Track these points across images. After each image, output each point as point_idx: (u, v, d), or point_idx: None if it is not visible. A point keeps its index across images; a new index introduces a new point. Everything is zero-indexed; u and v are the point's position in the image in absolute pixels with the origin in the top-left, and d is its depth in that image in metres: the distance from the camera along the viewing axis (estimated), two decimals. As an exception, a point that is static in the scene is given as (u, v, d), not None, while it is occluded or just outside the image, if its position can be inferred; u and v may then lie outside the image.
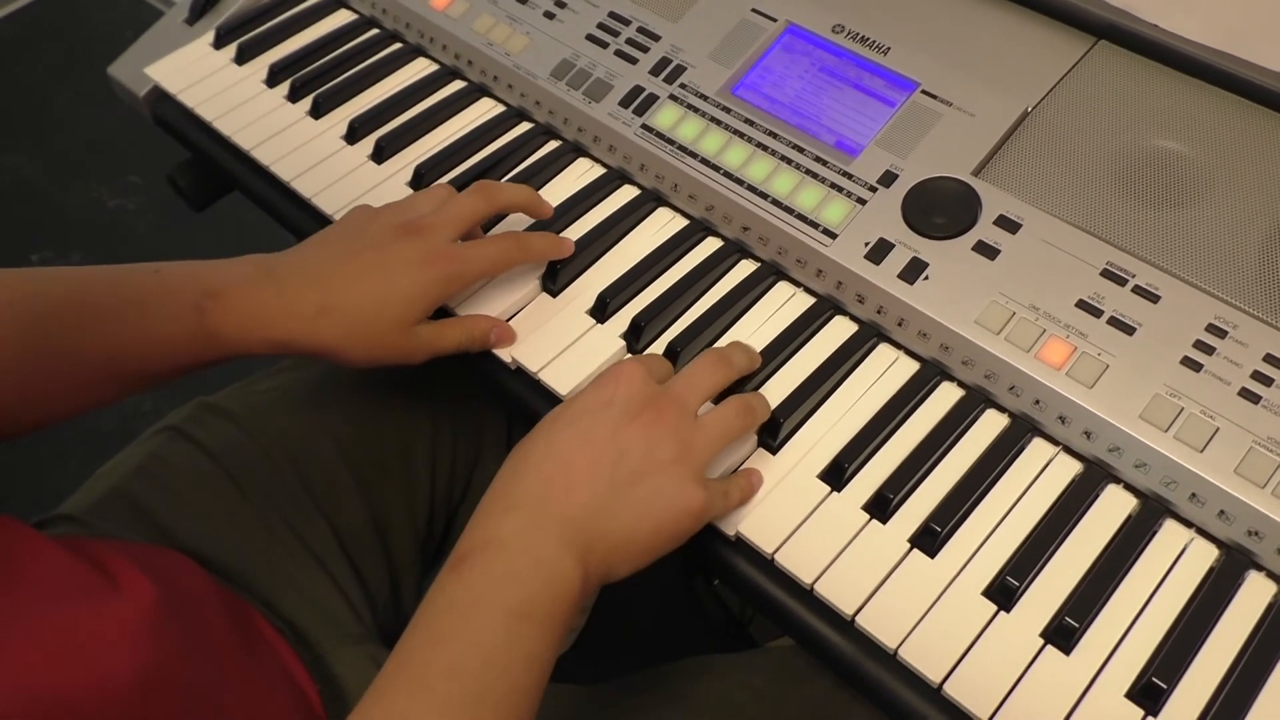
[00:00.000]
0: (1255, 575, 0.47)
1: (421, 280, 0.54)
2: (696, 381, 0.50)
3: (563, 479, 0.45)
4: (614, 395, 0.47)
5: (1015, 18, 0.63)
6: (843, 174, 0.59)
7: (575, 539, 0.43)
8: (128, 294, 0.54)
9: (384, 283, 0.54)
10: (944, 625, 0.46)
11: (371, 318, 0.54)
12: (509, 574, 0.42)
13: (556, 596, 0.42)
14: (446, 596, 0.42)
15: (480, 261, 0.57)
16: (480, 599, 0.41)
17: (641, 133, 0.64)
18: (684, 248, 0.62)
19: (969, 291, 0.54)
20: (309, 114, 0.71)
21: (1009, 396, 0.52)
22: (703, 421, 0.48)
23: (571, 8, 0.70)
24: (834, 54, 0.64)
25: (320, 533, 0.66)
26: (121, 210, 1.73)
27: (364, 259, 0.54)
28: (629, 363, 0.49)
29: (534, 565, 0.42)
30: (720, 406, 0.50)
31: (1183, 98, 0.58)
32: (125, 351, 0.53)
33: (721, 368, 0.51)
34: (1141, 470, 0.49)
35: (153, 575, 0.50)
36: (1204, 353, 0.50)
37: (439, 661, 0.40)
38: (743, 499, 0.50)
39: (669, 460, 0.46)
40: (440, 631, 0.41)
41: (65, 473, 0.66)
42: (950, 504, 0.50)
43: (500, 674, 0.40)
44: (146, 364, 0.54)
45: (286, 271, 0.55)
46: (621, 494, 0.45)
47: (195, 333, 0.53)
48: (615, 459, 0.45)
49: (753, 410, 0.51)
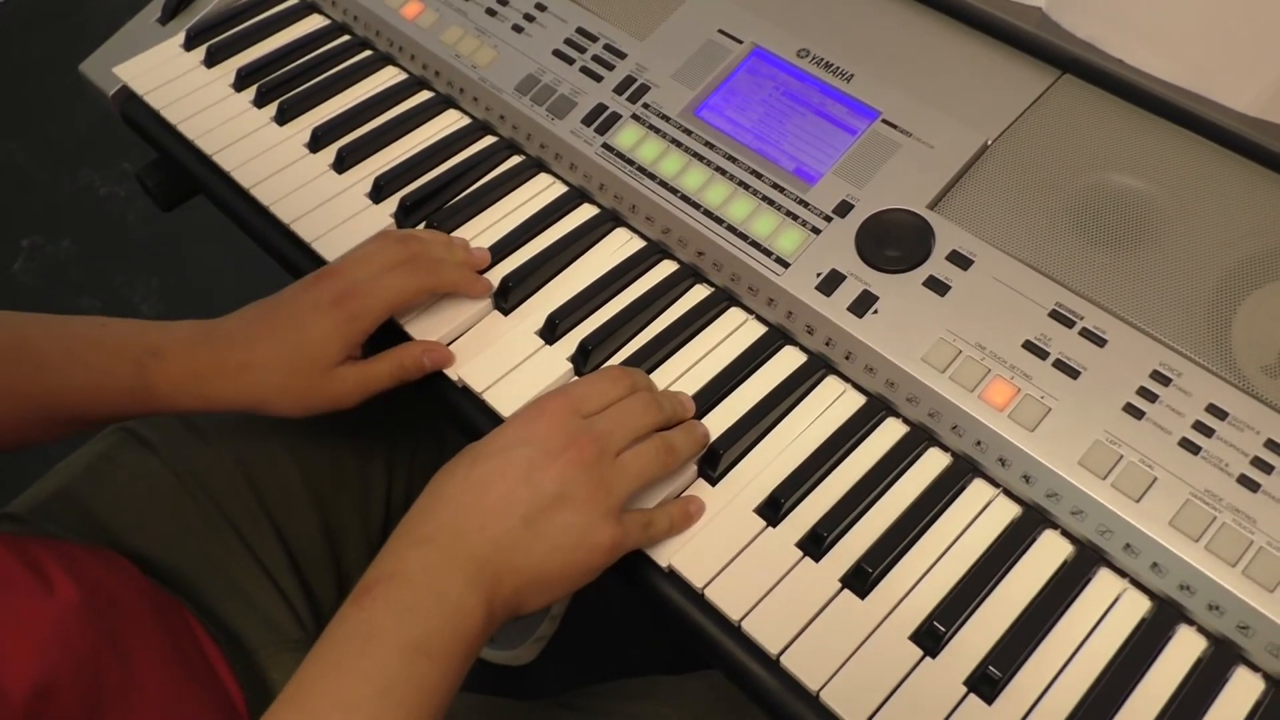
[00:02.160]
0: (1185, 630, 0.46)
1: (328, 322, 0.55)
2: (623, 421, 0.49)
3: (476, 514, 0.45)
4: (533, 432, 0.47)
5: (980, 48, 0.62)
6: (799, 202, 0.59)
7: (483, 575, 0.43)
8: (73, 345, 0.56)
9: (295, 331, 0.55)
10: (869, 668, 0.46)
11: (290, 368, 0.55)
12: (410, 608, 0.42)
13: (458, 632, 0.42)
14: (345, 627, 0.42)
15: (387, 293, 0.56)
16: (379, 632, 0.41)
17: (602, 152, 0.63)
18: (639, 270, 0.62)
19: (917, 327, 0.54)
20: (274, 120, 0.71)
21: (951, 436, 0.52)
22: (621, 461, 0.48)
23: (540, 22, 0.70)
24: (798, 79, 0.63)
25: (268, 541, 0.66)
26: (112, 198, 1.73)
27: (281, 314, 0.56)
28: (555, 396, 0.49)
29: (437, 600, 0.42)
30: (641, 445, 0.49)
31: (1144, 137, 0.57)
32: (64, 398, 0.55)
33: (652, 411, 0.50)
34: (1078, 517, 0.48)
35: (78, 576, 0.50)
36: (1147, 400, 0.49)
37: (331, 693, 0.40)
38: (674, 527, 0.50)
39: (583, 499, 0.46)
40: (335, 662, 0.41)
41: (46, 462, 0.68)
42: (884, 544, 0.49)
43: (393, 707, 0.40)
44: (84, 411, 0.56)
45: (220, 334, 0.56)
46: (534, 529, 0.45)
47: (134, 387, 0.55)
48: (529, 496, 0.45)
49: (674, 450, 0.50)
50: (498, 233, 0.64)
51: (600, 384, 0.51)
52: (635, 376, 0.52)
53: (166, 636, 0.55)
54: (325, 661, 0.41)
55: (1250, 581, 0.45)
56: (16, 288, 1.62)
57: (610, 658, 1.20)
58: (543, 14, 0.70)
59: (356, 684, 0.40)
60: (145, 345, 0.55)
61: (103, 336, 0.56)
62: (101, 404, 0.55)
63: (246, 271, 1.57)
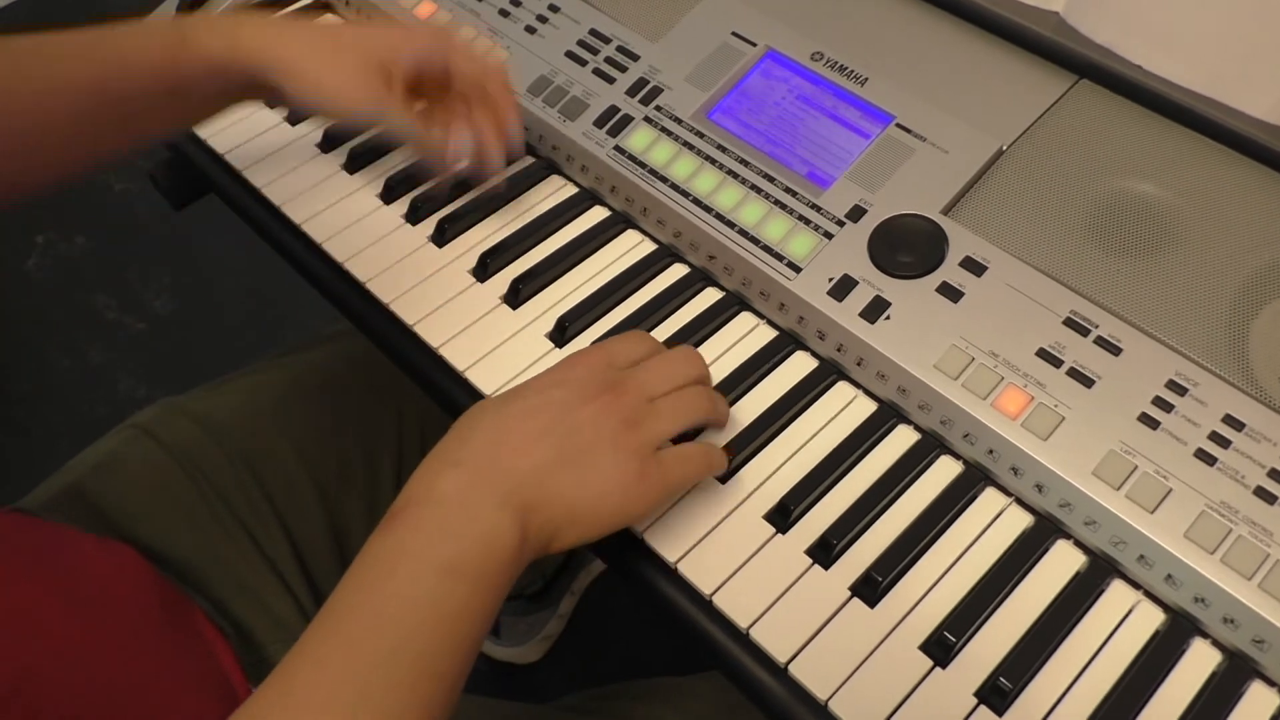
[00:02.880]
0: (1200, 643, 0.46)
1: (365, 36, 0.58)
2: (661, 371, 0.49)
3: (511, 443, 0.44)
4: (570, 377, 0.47)
5: (996, 52, 0.62)
6: (811, 206, 0.58)
7: (516, 500, 0.42)
8: (104, 32, 0.56)
9: (342, 31, 0.58)
10: (878, 678, 0.46)
11: (323, 48, 0.56)
12: (442, 529, 0.41)
13: (491, 554, 0.41)
14: (373, 551, 0.41)
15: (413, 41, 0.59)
16: (409, 552, 0.40)
17: (614, 154, 0.63)
18: (650, 273, 0.61)
19: (930, 334, 0.53)
20: (285, 120, 0.71)
21: (963, 444, 0.51)
22: (657, 407, 0.47)
23: (553, 23, 0.69)
24: (812, 82, 0.63)
25: (275, 538, 0.66)
26: (127, 194, 1.73)
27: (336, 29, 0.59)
28: (589, 350, 0.49)
29: (469, 521, 0.41)
30: (683, 391, 0.49)
31: (1161, 143, 0.57)
32: (105, 69, 0.54)
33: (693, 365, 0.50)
34: (1091, 528, 0.48)
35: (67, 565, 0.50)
36: (1162, 410, 0.49)
37: (360, 613, 0.39)
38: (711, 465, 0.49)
39: (617, 440, 0.45)
40: (366, 584, 0.40)
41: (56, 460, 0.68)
42: (895, 552, 0.49)
43: (421, 626, 0.39)
44: (126, 81, 0.55)
45: None
46: (568, 462, 0.44)
47: (173, 42, 0.55)
48: (565, 432, 0.45)
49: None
50: (508, 234, 0.63)
51: (631, 342, 0.51)
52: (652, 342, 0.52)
53: (174, 631, 0.55)
54: (354, 586, 0.40)
55: (1266, 595, 0.44)
56: (30, 284, 1.63)
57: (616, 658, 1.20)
58: (555, 15, 0.69)
59: (386, 602, 0.39)
60: (177, 20, 0.58)
61: (132, 23, 0.57)
62: (145, 69, 0.55)
63: (259, 269, 1.58)
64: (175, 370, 1.51)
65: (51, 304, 1.60)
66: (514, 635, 1.18)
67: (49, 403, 1.49)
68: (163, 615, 0.56)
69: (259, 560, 0.65)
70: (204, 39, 0.55)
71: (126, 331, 1.56)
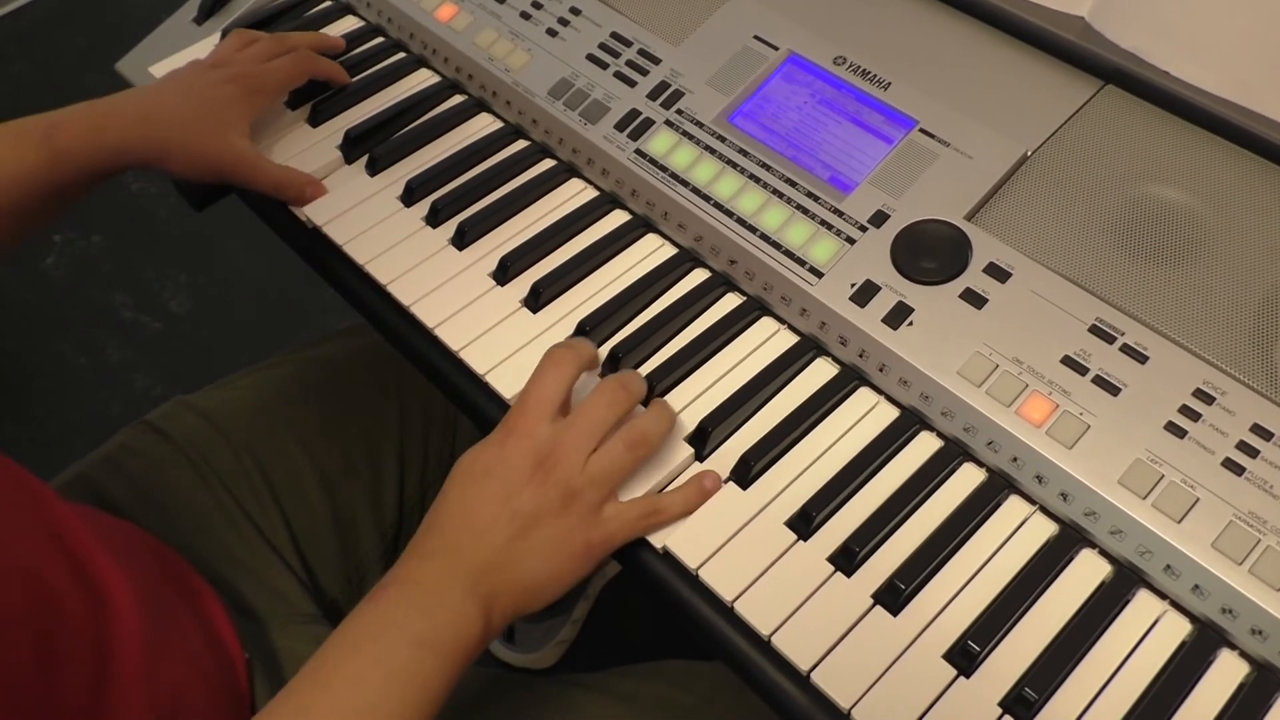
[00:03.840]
0: (1227, 654, 0.45)
1: (226, 91, 0.65)
2: (586, 427, 0.51)
3: (469, 535, 0.49)
4: (505, 456, 0.50)
5: (1021, 57, 0.61)
6: (834, 211, 0.58)
7: (480, 588, 0.47)
8: None
9: (197, 93, 0.64)
10: (901, 687, 0.45)
11: (188, 122, 0.63)
12: (419, 608, 0.46)
13: (458, 635, 0.46)
14: (363, 618, 0.46)
15: (277, 74, 0.67)
16: (391, 624, 0.46)
17: (635, 158, 0.63)
18: (670, 278, 0.61)
19: (953, 341, 0.53)
20: (307, 121, 0.71)
21: (987, 451, 0.51)
22: (593, 467, 0.50)
23: (574, 26, 0.69)
24: (834, 86, 0.62)
25: (275, 524, 0.68)
26: (144, 193, 1.74)
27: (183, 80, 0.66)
28: (517, 414, 0.51)
29: (440, 604, 0.47)
30: (607, 446, 0.51)
31: (1188, 149, 0.56)
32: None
33: (619, 403, 0.52)
34: (1117, 537, 0.48)
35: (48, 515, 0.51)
36: (1189, 419, 0.48)
37: (345, 670, 0.44)
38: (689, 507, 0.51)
39: (557, 512, 0.49)
40: (352, 645, 0.45)
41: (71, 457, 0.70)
42: (917, 560, 0.48)
43: (397, 689, 0.44)
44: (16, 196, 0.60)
45: (120, 96, 0.65)
46: (518, 546, 0.48)
47: (48, 157, 0.60)
48: (509, 517, 0.49)
49: (645, 439, 0.52)
50: (528, 237, 0.63)
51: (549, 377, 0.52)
52: (578, 348, 0.53)
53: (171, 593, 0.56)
54: (342, 645, 0.45)
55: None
56: (48, 282, 1.64)
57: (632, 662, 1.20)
58: (577, 18, 0.69)
59: (368, 665, 0.44)
60: (46, 121, 0.61)
61: (3, 134, 0.61)
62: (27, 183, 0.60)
63: (274, 270, 1.59)
64: (191, 369, 1.51)
65: (69, 302, 1.61)
66: (529, 641, 1.18)
67: (65, 401, 1.50)
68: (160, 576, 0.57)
69: (261, 544, 0.67)
70: (78, 149, 0.61)
71: (143, 330, 1.57)
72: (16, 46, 2.01)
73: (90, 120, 0.62)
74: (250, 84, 0.66)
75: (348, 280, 0.65)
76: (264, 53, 0.69)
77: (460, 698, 0.59)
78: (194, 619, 0.57)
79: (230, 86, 0.65)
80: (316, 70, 0.70)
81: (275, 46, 0.69)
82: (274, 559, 0.67)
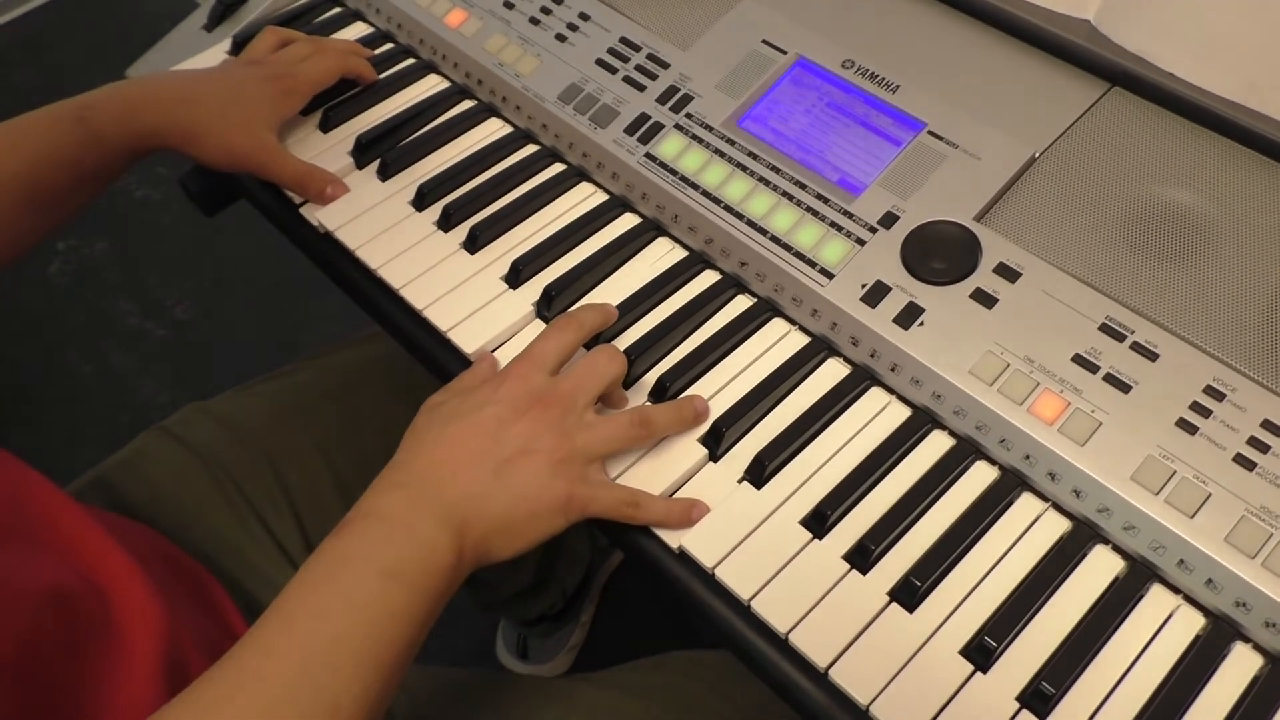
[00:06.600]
0: (1241, 647, 0.46)
1: (263, 89, 0.66)
2: (587, 375, 0.51)
3: (449, 465, 0.48)
4: (501, 393, 0.50)
5: (1028, 60, 0.62)
6: (843, 213, 0.59)
7: (453, 517, 0.46)
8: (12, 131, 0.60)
9: (233, 85, 0.66)
10: (918, 683, 0.46)
11: (221, 110, 0.64)
12: (385, 539, 0.45)
13: (427, 565, 0.45)
14: (324, 554, 0.45)
15: (313, 74, 0.69)
16: (354, 556, 0.45)
17: (645, 161, 0.64)
18: (681, 280, 0.62)
19: (964, 340, 0.53)
20: (318, 127, 0.71)
21: (999, 449, 0.52)
22: (591, 422, 0.50)
23: (583, 31, 0.70)
24: (842, 90, 0.63)
25: (289, 528, 0.68)
26: (148, 201, 1.75)
27: (220, 73, 0.68)
28: (517, 360, 0.52)
29: (408, 534, 0.46)
30: (616, 414, 0.51)
31: (1195, 150, 0.57)
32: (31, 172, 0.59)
33: (617, 361, 0.53)
34: (1130, 533, 0.48)
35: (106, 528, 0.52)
36: (1200, 415, 0.49)
37: (309, 604, 0.43)
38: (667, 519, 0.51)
39: (547, 451, 0.49)
40: (314, 581, 0.44)
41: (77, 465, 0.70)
42: (933, 558, 0.49)
43: (364, 622, 0.43)
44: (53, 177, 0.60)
45: (155, 79, 0.66)
46: (501, 479, 0.48)
47: (82, 139, 0.61)
48: (498, 449, 0.48)
49: (649, 423, 0.52)
50: (539, 241, 0.64)
51: (553, 336, 0.53)
52: (581, 315, 0.55)
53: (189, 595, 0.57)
54: (305, 581, 0.44)
55: (1308, 601, 0.44)
56: (52, 289, 1.64)
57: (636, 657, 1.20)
58: (586, 23, 0.70)
59: (332, 598, 0.43)
60: (79, 103, 0.62)
61: (39, 115, 0.61)
62: (61, 163, 0.60)
63: (282, 275, 1.59)
64: (196, 377, 1.52)
65: (73, 310, 1.62)
66: (542, 654, 1.19)
67: (71, 408, 1.50)
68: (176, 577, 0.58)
69: (272, 546, 0.67)
70: (111, 132, 0.62)
71: (148, 338, 1.57)
72: (23, 52, 2.02)
73: (124, 102, 0.62)
74: (286, 85, 0.67)
75: (359, 284, 0.65)
76: (300, 55, 0.70)
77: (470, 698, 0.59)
78: (210, 622, 0.58)
79: (267, 85, 0.66)
80: (349, 69, 0.71)
81: (310, 49, 0.71)
82: (285, 562, 0.67)
